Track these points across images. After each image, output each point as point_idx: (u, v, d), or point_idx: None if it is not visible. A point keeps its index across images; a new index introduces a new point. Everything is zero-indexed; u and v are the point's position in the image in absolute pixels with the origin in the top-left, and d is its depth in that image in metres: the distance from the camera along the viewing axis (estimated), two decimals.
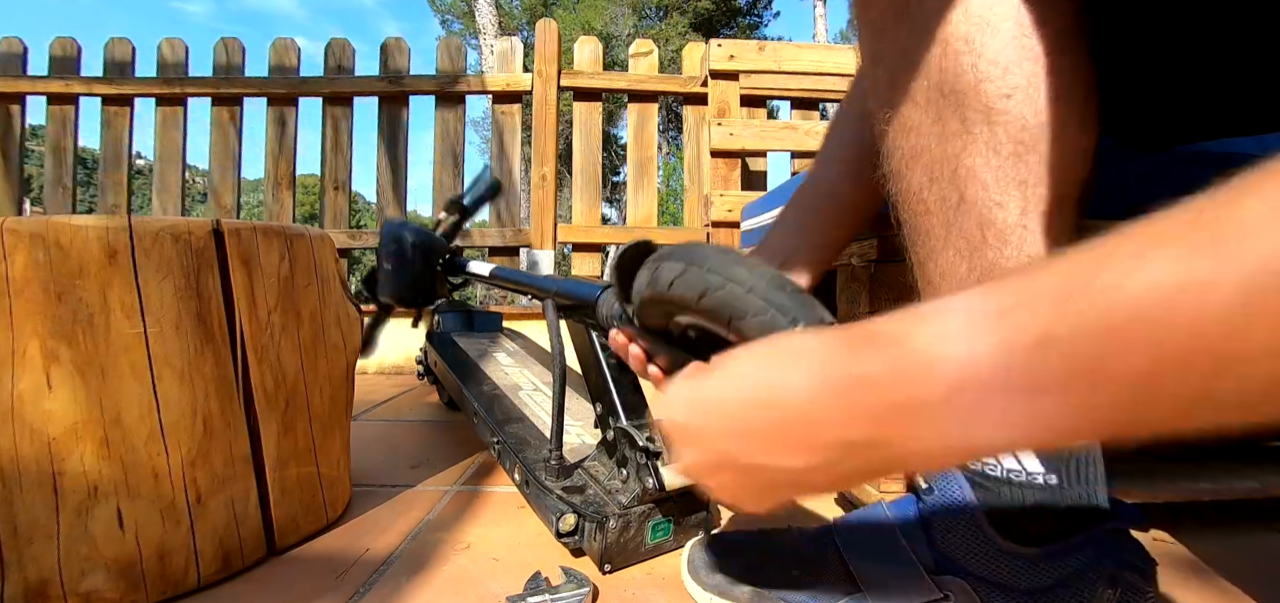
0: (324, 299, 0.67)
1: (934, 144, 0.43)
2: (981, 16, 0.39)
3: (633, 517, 0.59)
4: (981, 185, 0.41)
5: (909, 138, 0.44)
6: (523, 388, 0.95)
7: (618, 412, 0.62)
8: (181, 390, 0.52)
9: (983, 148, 0.40)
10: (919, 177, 0.44)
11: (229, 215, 2.16)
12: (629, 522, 0.59)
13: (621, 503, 0.59)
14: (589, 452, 0.70)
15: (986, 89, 0.39)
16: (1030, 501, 0.42)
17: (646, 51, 2.15)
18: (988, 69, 0.39)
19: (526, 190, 2.15)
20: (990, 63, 0.39)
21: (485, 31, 10.99)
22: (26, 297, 0.46)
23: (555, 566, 0.57)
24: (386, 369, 1.88)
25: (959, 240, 0.42)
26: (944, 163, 0.42)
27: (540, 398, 0.92)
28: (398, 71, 2.12)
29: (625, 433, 0.60)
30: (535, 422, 0.82)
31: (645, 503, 0.60)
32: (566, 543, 0.60)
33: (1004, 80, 0.39)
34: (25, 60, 2.20)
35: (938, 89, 0.41)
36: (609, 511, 0.59)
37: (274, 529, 0.61)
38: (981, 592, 0.43)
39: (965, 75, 0.40)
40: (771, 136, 1.85)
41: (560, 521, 0.60)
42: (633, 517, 0.59)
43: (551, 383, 0.67)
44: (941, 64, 0.41)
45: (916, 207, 0.45)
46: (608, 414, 0.63)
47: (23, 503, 0.47)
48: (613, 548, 0.58)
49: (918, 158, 0.44)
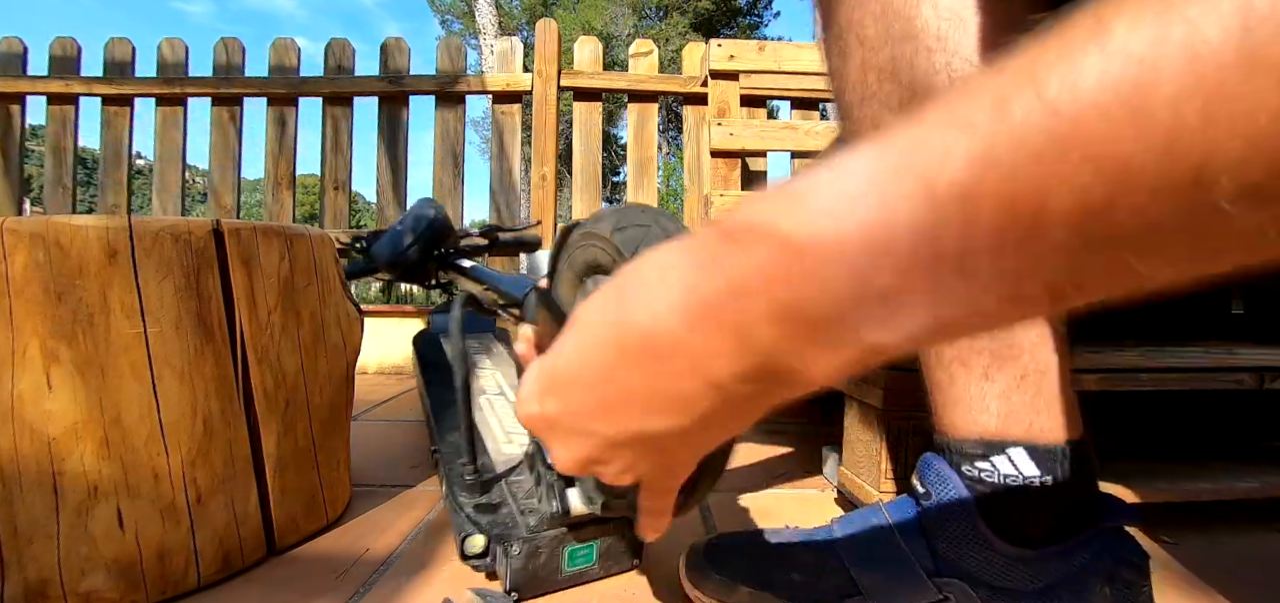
0: (324, 299, 0.67)
1: None
2: (953, 11, 0.38)
3: (542, 543, 0.53)
4: None
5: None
6: (488, 392, 0.91)
7: None
8: (181, 390, 0.52)
9: None
10: None
11: (229, 215, 2.16)
12: (538, 548, 0.53)
13: (530, 526, 0.54)
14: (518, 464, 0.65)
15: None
16: (1028, 503, 0.42)
17: (646, 51, 2.15)
18: (963, 68, 0.38)
19: (526, 190, 2.15)
20: (965, 62, 0.38)
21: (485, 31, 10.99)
22: (26, 297, 0.46)
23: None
24: (386, 369, 1.88)
25: None
26: None
27: (501, 404, 0.87)
28: (398, 71, 2.12)
29: (539, 448, 0.56)
30: (481, 430, 0.78)
31: (554, 528, 0.54)
32: (474, 566, 0.56)
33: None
34: (25, 60, 2.20)
35: (910, 89, 0.39)
36: (515, 534, 0.53)
37: (274, 529, 0.61)
38: (982, 594, 0.43)
39: (939, 75, 0.38)
40: (771, 136, 1.85)
41: (466, 542, 0.55)
42: (542, 543, 0.53)
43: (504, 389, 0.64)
44: (913, 63, 0.39)
45: None
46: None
47: (23, 503, 0.47)
48: (520, 575, 0.52)
49: None
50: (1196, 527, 0.68)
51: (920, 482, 0.47)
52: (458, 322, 0.60)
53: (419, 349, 1.10)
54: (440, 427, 0.80)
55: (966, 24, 0.37)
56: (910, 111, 0.18)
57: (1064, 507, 0.42)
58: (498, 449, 0.72)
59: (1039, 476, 0.42)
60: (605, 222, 0.42)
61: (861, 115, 0.43)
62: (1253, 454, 0.74)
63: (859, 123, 0.44)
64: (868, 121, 0.43)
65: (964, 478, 0.44)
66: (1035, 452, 0.42)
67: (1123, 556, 0.42)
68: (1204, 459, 0.72)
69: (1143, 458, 0.72)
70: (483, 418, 0.82)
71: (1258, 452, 0.75)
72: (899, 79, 0.40)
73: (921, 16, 0.38)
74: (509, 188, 2.13)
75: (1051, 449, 0.42)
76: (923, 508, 0.46)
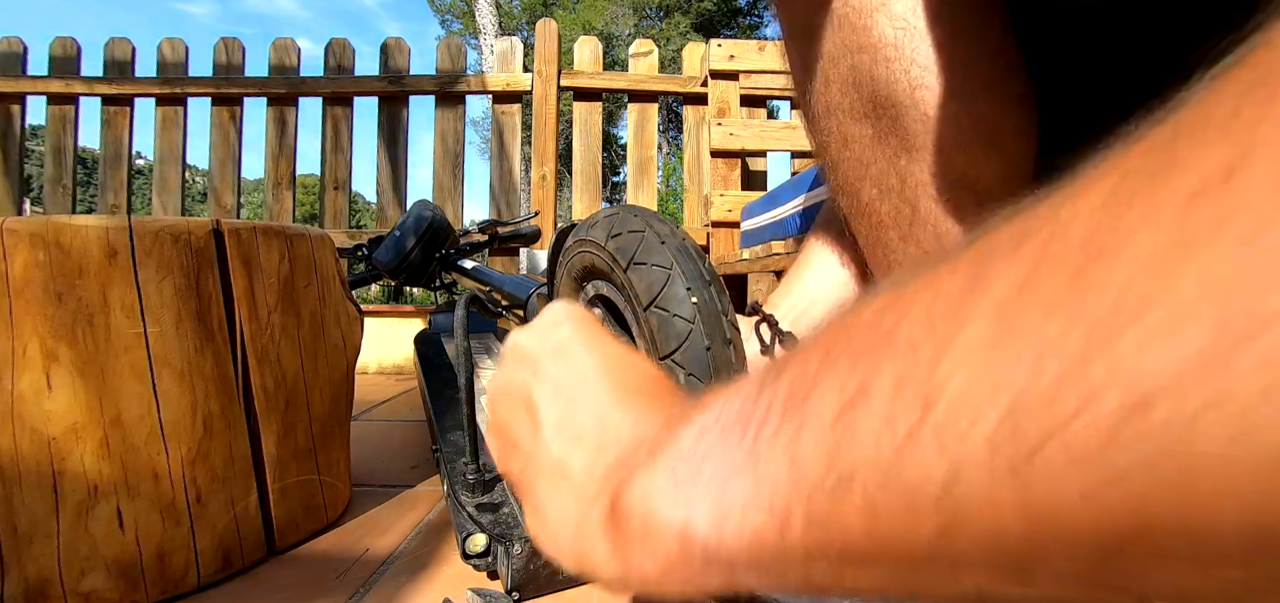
0: (324, 299, 0.67)
1: (878, 158, 0.41)
2: (905, 19, 0.38)
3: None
4: (932, 197, 0.39)
5: (851, 150, 0.42)
6: (489, 392, 0.92)
7: None
8: (181, 390, 0.52)
9: (929, 159, 0.39)
10: (869, 190, 0.42)
11: (229, 215, 2.16)
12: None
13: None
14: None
15: (923, 97, 0.38)
16: None
17: (646, 51, 2.15)
18: (921, 75, 0.38)
19: (526, 190, 2.15)
20: (923, 69, 0.38)
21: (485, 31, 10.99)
22: (26, 296, 0.46)
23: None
24: (387, 369, 1.89)
25: (917, 253, 0.41)
26: (891, 177, 0.41)
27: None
28: (398, 71, 2.12)
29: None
30: (482, 429, 0.77)
31: None
32: (475, 565, 0.56)
33: (939, 85, 0.38)
34: (25, 60, 2.20)
35: (872, 100, 0.40)
36: (516, 534, 0.54)
37: (274, 529, 0.61)
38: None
39: (899, 83, 0.38)
40: (771, 136, 1.86)
41: (467, 541, 0.55)
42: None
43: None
44: (873, 73, 0.39)
45: (872, 220, 0.43)
46: None
47: (23, 503, 0.47)
48: (521, 574, 0.52)
49: (864, 172, 0.42)
50: None
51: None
52: (461, 322, 0.60)
53: (420, 349, 1.10)
54: (441, 426, 0.80)
55: (920, 32, 0.38)
56: (873, 122, 0.18)
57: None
58: None
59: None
60: (599, 227, 0.42)
61: (828, 126, 0.44)
62: None
63: (826, 134, 0.44)
64: (835, 132, 0.43)
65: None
66: None
67: None
68: None
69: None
70: (484, 418, 0.82)
71: None
72: (860, 89, 0.40)
73: (877, 27, 0.38)
74: (509, 188, 2.13)
75: None
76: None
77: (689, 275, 0.37)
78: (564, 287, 0.48)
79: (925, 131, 0.38)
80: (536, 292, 0.56)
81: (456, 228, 1.07)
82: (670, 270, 0.37)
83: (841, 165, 0.44)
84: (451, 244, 1.02)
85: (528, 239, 1.17)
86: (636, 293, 0.39)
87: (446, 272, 1.00)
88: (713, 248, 1.85)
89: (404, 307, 1.97)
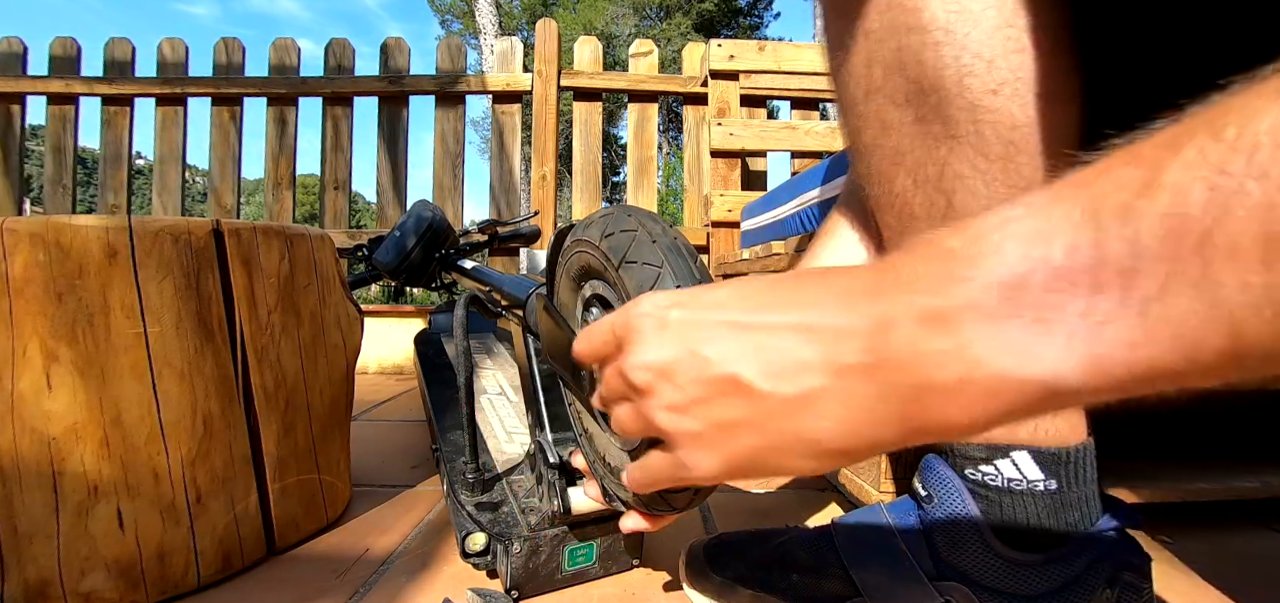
0: (324, 299, 0.67)
1: (917, 146, 0.39)
2: (960, 2, 0.36)
3: (542, 541, 0.53)
4: (970, 191, 0.38)
5: (889, 137, 0.41)
6: (489, 392, 0.93)
7: (543, 423, 0.57)
8: (181, 390, 0.52)
9: (970, 151, 0.37)
10: (903, 180, 0.41)
11: (229, 215, 2.16)
12: (538, 546, 0.53)
13: (531, 525, 0.54)
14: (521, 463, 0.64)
15: (971, 84, 0.36)
16: (1031, 508, 0.42)
17: (647, 51, 2.15)
18: (972, 62, 0.36)
19: (526, 190, 2.15)
20: (974, 56, 0.36)
21: (485, 31, 10.99)
22: (26, 296, 0.46)
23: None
24: (386, 369, 1.89)
25: None
26: (929, 166, 0.39)
27: (502, 404, 0.88)
28: (398, 71, 2.12)
29: (541, 447, 0.56)
30: (482, 429, 0.78)
31: (554, 527, 0.54)
32: (475, 564, 0.56)
33: (990, 74, 0.36)
34: (25, 60, 2.20)
35: (917, 85, 0.38)
36: (516, 533, 0.54)
37: (274, 529, 0.61)
38: (983, 598, 0.43)
39: (948, 69, 0.37)
40: (771, 136, 1.86)
41: (466, 540, 0.55)
42: (542, 541, 0.53)
43: (521, 388, 0.64)
44: (920, 57, 0.37)
45: (903, 212, 0.42)
46: (535, 424, 0.59)
47: (23, 503, 0.47)
48: (520, 573, 0.52)
49: (900, 160, 0.41)
50: (1197, 527, 0.68)
51: (922, 484, 0.46)
52: (462, 322, 0.60)
53: (420, 349, 1.10)
54: (441, 426, 0.80)
55: (975, 16, 0.36)
56: (916, 107, 0.18)
57: (1067, 510, 0.42)
58: (499, 448, 0.72)
59: (1043, 479, 0.42)
60: (594, 227, 0.42)
61: (866, 110, 0.42)
62: (1253, 454, 0.74)
63: (863, 118, 0.43)
64: (872, 117, 0.42)
65: (966, 481, 0.44)
66: (1039, 456, 0.42)
67: (1125, 559, 0.42)
68: (1204, 459, 0.72)
69: (1143, 458, 0.72)
70: (484, 417, 0.82)
71: (1258, 452, 0.74)
72: (906, 72, 0.38)
73: (929, 8, 0.37)
74: (509, 188, 2.13)
75: (1056, 453, 0.42)
76: (924, 510, 0.46)
77: (679, 273, 0.37)
78: (562, 287, 0.48)
79: (970, 122, 0.37)
80: (536, 291, 0.56)
81: (456, 228, 1.07)
82: (660, 268, 0.37)
83: (876, 152, 0.42)
84: (451, 244, 1.02)
85: (527, 239, 1.17)
86: (628, 291, 0.39)
87: (446, 272, 1.00)
88: (713, 248, 1.85)
89: (404, 307, 1.97)
